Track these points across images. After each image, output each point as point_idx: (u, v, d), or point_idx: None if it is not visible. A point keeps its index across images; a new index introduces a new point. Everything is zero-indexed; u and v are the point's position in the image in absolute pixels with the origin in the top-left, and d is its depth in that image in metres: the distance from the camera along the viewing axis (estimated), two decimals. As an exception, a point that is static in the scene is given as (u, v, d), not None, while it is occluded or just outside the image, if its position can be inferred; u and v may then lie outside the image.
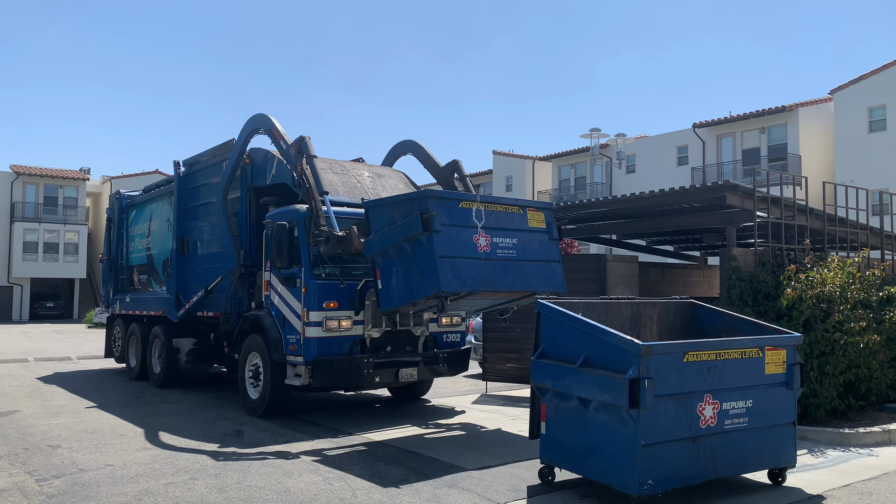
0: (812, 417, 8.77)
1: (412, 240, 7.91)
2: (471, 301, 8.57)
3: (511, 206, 8.65)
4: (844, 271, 9.39)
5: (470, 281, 7.89)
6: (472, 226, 8.12)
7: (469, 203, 8.20)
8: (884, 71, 25.92)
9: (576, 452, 6.07)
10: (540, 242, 8.74)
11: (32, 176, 43.41)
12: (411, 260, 7.99)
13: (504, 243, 8.33)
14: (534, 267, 8.56)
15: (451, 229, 7.91)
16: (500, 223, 8.38)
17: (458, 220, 8.04)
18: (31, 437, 8.60)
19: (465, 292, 7.89)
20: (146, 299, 13.99)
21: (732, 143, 30.43)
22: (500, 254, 8.25)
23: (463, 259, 7.90)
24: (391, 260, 8.26)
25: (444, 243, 7.79)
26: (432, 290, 7.69)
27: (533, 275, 8.53)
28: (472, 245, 8.04)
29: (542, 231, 8.81)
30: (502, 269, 8.22)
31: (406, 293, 8.10)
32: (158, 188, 14.22)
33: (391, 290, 8.28)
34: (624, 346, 5.61)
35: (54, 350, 20.92)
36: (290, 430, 8.98)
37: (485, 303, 8.98)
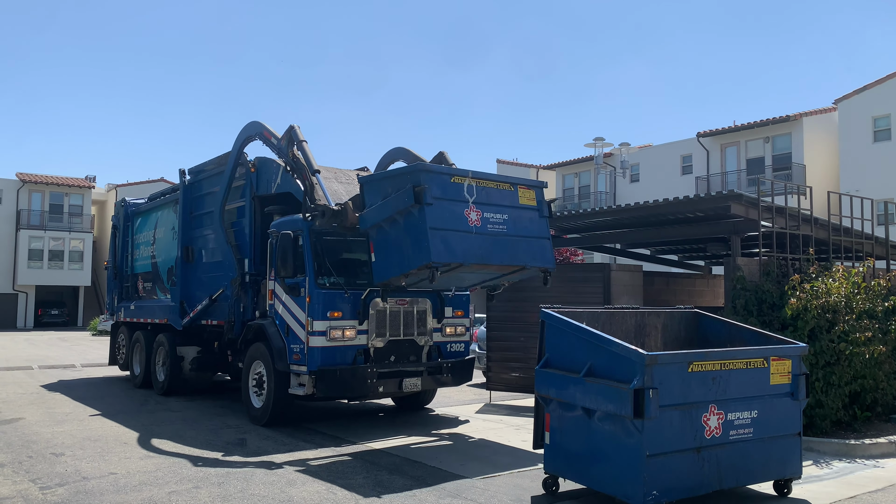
0: (818, 428, 8.73)
1: (405, 212, 8.04)
2: (461, 274, 8.62)
3: (502, 184, 8.76)
4: (849, 281, 9.37)
5: (460, 253, 8.01)
6: (463, 200, 8.23)
7: (461, 178, 8.32)
8: (888, 80, 25.91)
9: (580, 463, 6.05)
10: (530, 219, 8.82)
11: (38, 184, 43.60)
12: (404, 232, 8.12)
13: (495, 219, 8.43)
14: (524, 242, 8.65)
15: (442, 203, 8.02)
16: (491, 199, 8.48)
17: (449, 194, 8.14)
18: (34, 444, 8.61)
19: (455, 264, 8.00)
20: (151, 307, 14.01)
21: (737, 153, 30.41)
22: (491, 228, 8.35)
23: (454, 232, 8.02)
24: (384, 233, 8.40)
25: (436, 216, 7.91)
26: (423, 261, 7.80)
27: (523, 250, 8.62)
28: (464, 219, 8.15)
29: (533, 208, 8.89)
30: (492, 243, 8.32)
31: (398, 265, 8.22)
32: (164, 196, 14.28)
33: (384, 263, 8.43)
34: (628, 355, 5.60)
35: (58, 358, 20.95)
36: (294, 438, 8.97)
37: (475, 277, 9.01)
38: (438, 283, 8.55)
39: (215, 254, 11.96)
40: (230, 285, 11.01)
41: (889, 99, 25.79)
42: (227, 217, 11.54)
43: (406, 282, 8.55)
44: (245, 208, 11.23)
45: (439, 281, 8.43)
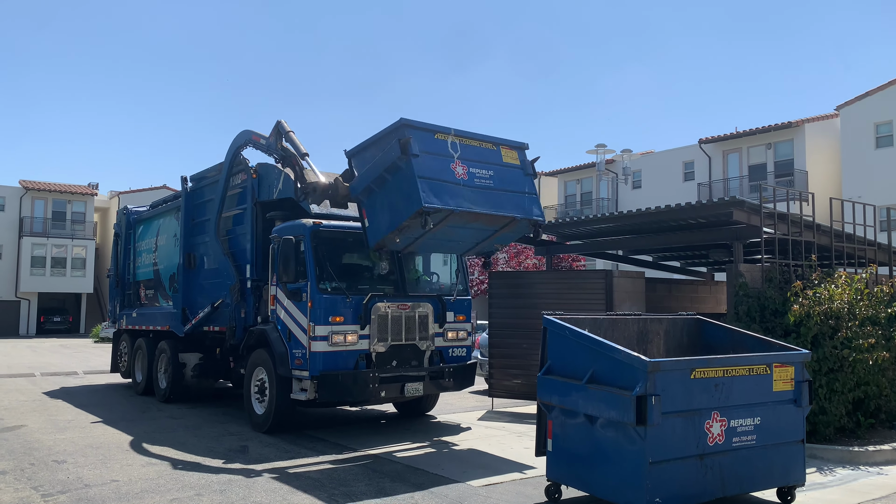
0: (821, 435, 8.70)
1: (392, 168, 8.23)
2: (452, 230, 8.71)
3: (485, 142, 8.93)
4: (852, 287, 9.35)
5: (450, 201, 8.18)
6: (448, 155, 8.44)
7: (444, 135, 8.53)
8: (890, 87, 25.93)
9: (582, 470, 6.03)
10: (515, 176, 9.02)
11: (41, 191, 43.73)
12: (393, 188, 8.31)
13: (481, 174, 8.64)
14: (510, 195, 8.84)
15: (428, 156, 8.22)
16: (475, 156, 8.70)
17: (434, 149, 8.35)
18: (36, 451, 8.60)
19: (445, 212, 8.14)
20: (152, 314, 14.02)
21: (739, 159, 30.41)
22: (478, 182, 8.57)
23: (442, 182, 8.22)
24: (374, 195, 8.59)
25: (423, 166, 8.11)
26: (414, 208, 7.96)
27: (510, 202, 8.80)
28: (450, 172, 8.36)
29: (517, 167, 9.09)
30: (480, 194, 8.52)
31: (390, 220, 8.39)
32: (166, 203, 14.31)
33: (376, 223, 8.60)
34: (631, 362, 5.59)
35: (61, 365, 20.96)
36: (296, 445, 8.96)
37: (466, 235, 9.08)
38: (430, 241, 8.75)
39: (216, 261, 11.98)
40: (229, 293, 11.04)
41: (891, 105, 25.80)
42: (224, 224, 11.68)
43: (400, 239, 8.66)
44: (243, 215, 11.30)
45: (431, 239, 8.62)
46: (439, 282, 10.85)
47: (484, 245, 9.51)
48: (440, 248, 9.83)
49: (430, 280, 10.84)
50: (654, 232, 12.47)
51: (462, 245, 9.54)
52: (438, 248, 9.84)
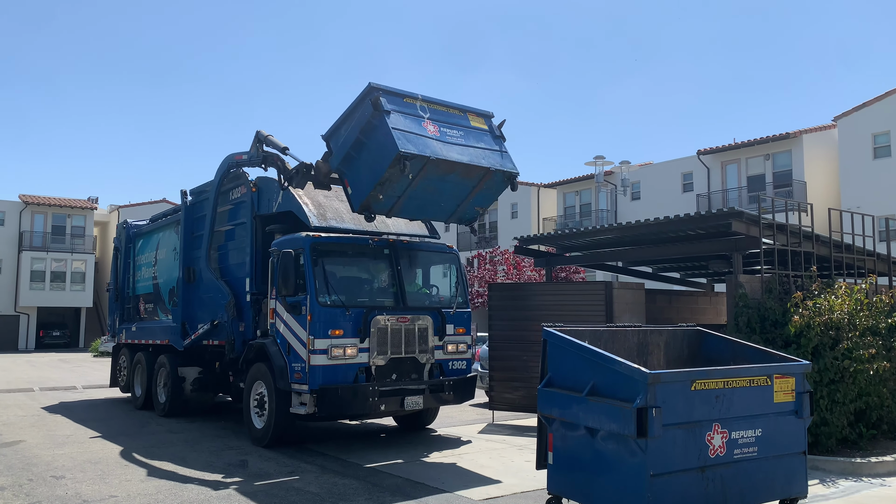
0: (823, 447, 8.66)
1: (367, 128, 8.66)
2: (431, 183, 8.97)
3: (452, 108, 9.42)
4: (852, 298, 9.34)
5: (426, 149, 8.56)
6: (418, 116, 8.91)
7: (412, 99, 9.01)
8: (887, 98, 26.03)
9: (583, 483, 6.00)
10: (485, 136, 9.48)
11: (41, 205, 43.77)
12: (371, 147, 8.70)
13: (452, 133, 9.10)
14: (483, 151, 9.27)
15: (399, 114, 8.68)
16: (443, 118, 9.19)
17: (405, 109, 8.82)
18: (35, 467, 8.56)
19: (422, 158, 8.46)
20: (152, 328, 13.99)
21: (737, 170, 30.48)
22: (450, 139, 8.99)
23: (416, 135, 8.61)
24: (354, 161, 8.97)
25: (396, 121, 8.56)
26: (392, 154, 8.28)
27: (483, 156, 9.19)
28: (423, 128, 8.80)
29: (486, 130, 9.54)
30: (453, 148, 8.94)
31: (371, 176, 8.70)
32: (165, 217, 14.32)
33: (359, 184, 8.94)
34: (631, 374, 5.57)
35: (60, 379, 20.89)
36: (295, 459, 8.92)
37: (445, 192, 9.30)
38: (413, 202, 9.11)
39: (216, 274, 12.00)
40: (225, 310, 11.05)
41: (888, 116, 25.88)
42: (217, 239, 11.89)
43: (383, 195, 8.87)
44: (242, 228, 11.35)
45: (413, 199, 9.04)
46: (439, 294, 10.84)
47: (465, 208, 9.72)
48: (424, 211, 9.95)
49: (430, 293, 10.84)
50: (653, 243, 12.48)
51: (444, 208, 9.71)
52: (423, 212, 10.00)
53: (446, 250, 11.01)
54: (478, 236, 43.31)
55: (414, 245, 10.57)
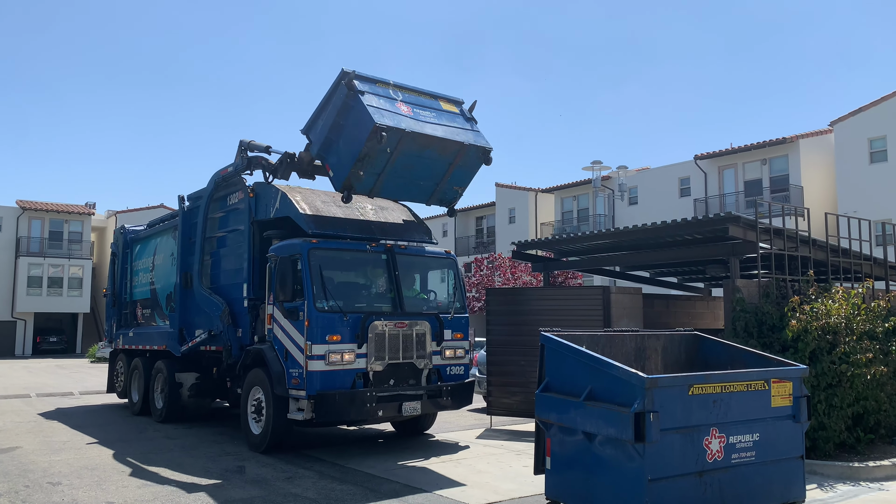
0: (821, 451, 8.66)
1: (344, 109, 9.20)
2: (409, 159, 9.41)
3: (423, 94, 9.95)
4: (849, 302, 9.36)
5: (401, 123, 9.04)
6: (392, 98, 9.44)
7: (385, 84, 9.54)
8: (883, 102, 26.10)
9: (581, 488, 5.99)
10: (457, 118, 10.01)
11: (38, 211, 43.68)
12: (348, 126, 9.19)
13: (425, 114, 9.58)
14: (456, 129, 9.77)
15: (373, 95, 9.21)
16: (415, 101, 9.71)
17: (378, 91, 9.34)
18: (31, 473, 8.53)
19: (398, 131, 8.94)
20: (149, 334, 13.97)
21: (734, 175, 30.53)
22: (422, 118, 9.47)
23: (389, 112, 9.14)
24: (333, 144, 9.46)
25: (371, 100, 9.10)
26: (369, 127, 8.75)
27: (457, 133, 9.70)
28: (397, 108, 9.28)
29: (457, 113, 10.08)
30: (427, 125, 9.41)
31: (350, 153, 9.15)
32: (163, 222, 14.32)
33: (339, 164, 9.38)
34: (628, 379, 5.57)
35: (56, 385, 20.83)
36: (293, 465, 8.90)
37: (424, 169, 9.71)
38: (394, 180, 9.51)
39: (214, 280, 11.99)
40: (220, 320, 11.05)
41: (885, 120, 25.95)
42: (209, 246, 12.00)
43: (364, 172, 9.22)
44: (231, 237, 11.46)
45: (394, 178, 9.42)
46: (436, 299, 10.84)
47: (443, 188, 10.12)
48: (405, 191, 10.21)
49: (428, 298, 10.84)
50: (650, 248, 12.50)
51: (423, 188, 10.06)
52: (403, 192, 10.27)
53: (444, 256, 11.02)
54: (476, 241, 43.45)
55: (411, 250, 10.58)
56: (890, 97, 25.92)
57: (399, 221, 11.12)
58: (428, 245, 11.14)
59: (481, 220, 44.76)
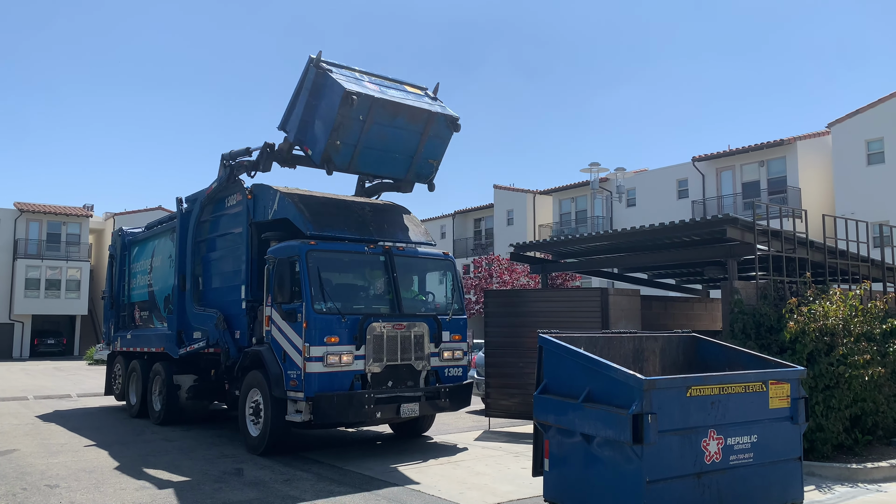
0: (819, 452, 8.67)
1: (315, 89, 9.91)
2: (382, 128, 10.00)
3: (388, 79, 10.74)
4: (847, 304, 9.37)
5: (371, 92, 9.76)
6: (359, 79, 10.19)
7: (351, 69, 10.38)
8: (880, 104, 26.15)
9: (580, 490, 6.00)
10: (422, 97, 10.81)
11: (36, 213, 43.62)
12: (321, 102, 9.84)
13: (391, 91, 10.30)
14: (423, 101, 10.61)
15: (341, 74, 9.98)
16: (382, 83, 10.48)
17: (347, 74, 10.14)
18: (29, 476, 8.52)
19: (368, 97, 9.60)
20: (147, 336, 13.95)
21: (732, 177, 30.56)
22: (389, 94, 10.18)
23: (358, 82, 9.96)
24: (309, 124, 10.09)
25: (340, 76, 9.83)
26: (340, 93, 9.43)
27: (425, 103, 10.52)
28: (366, 86, 9.98)
29: (422, 95, 10.97)
30: (396, 95, 10.22)
31: (325, 125, 9.73)
32: (161, 224, 14.30)
33: (316, 139, 9.95)
34: (626, 380, 5.58)
35: (54, 388, 20.80)
36: (291, 468, 8.89)
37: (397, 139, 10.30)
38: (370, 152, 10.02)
39: (212, 281, 11.99)
40: (215, 328, 11.06)
41: (882, 122, 26.00)
42: (206, 247, 12.07)
43: (339, 140, 9.72)
44: (229, 238, 11.46)
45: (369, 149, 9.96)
46: (434, 301, 10.85)
47: (419, 161, 10.68)
48: (382, 164, 10.62)
49: (426, 299, 10.84)
50: (648, 250, 12.51)
51: (399, 161, 10.58)
52: (381, 166, 10.68)
53: (442, 257, 11.03)
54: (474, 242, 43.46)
55: (410, 252, 10.58)
56: (887, 99, 25.98)
57: (397, 223, 11.12)
58: (426, 246, 11.15)
59: (479, 222, 44.78)
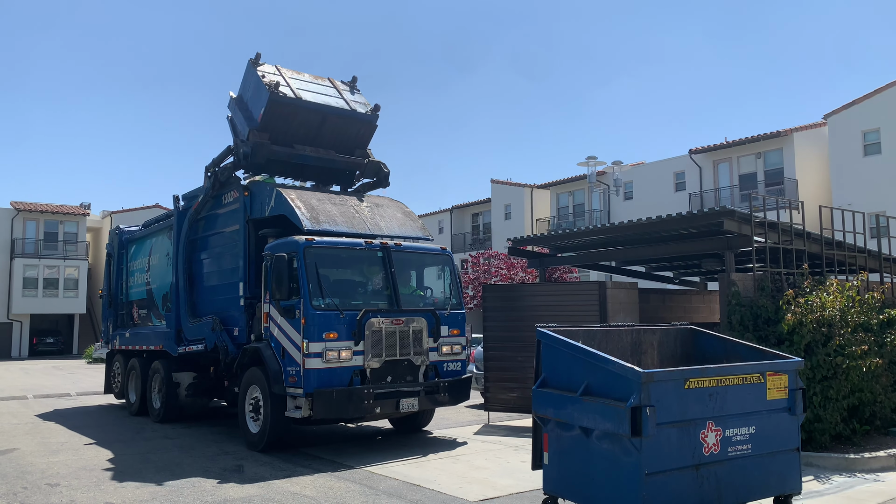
0: (817, 443, 8.71)
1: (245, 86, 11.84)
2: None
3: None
4: (844, 295, 9.39)
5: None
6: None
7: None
8: (876, 95, 26.15)
9: (579, 483, 6.01)
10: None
11: (33, 212, 43.53)
12: (247, 90, 11.70)
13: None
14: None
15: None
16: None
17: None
18: (29, 475, 8.53)
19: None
20: (146, 334, 13.95)
21: (729, 169, 30.58)
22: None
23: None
24: (242, 99, 11.92)
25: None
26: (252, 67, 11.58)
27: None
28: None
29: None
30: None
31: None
32: (158, 223, 14.28)
33: (237, 128, 11.68)
34: (625, 373, 5.59)
35: (53, 386, 20.79)
36: (291, 464, 8.91)
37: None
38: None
39: (210, 279, 11.99)
40: (211, 331, 11.07)
41: (878, 113, 26.01)
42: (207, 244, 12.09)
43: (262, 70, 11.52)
44: (227, 235, 11.48)
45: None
46: (433, 296, 10.86)
47: (350, 103, 11.98)
48: (316, 96, 11.80)
49: (424, 294, 10.85)
50: (646, 243, 12.52)
51: (330, 100, 11.90)
52: (316, 96, 11.81)
53: (439, 252, 11.03)
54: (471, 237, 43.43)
55: (407, 247, 10.58)
56: (883, 90, 25.98)
57: (394, 218, 11.13)
58: (423, 242, 11.16)
59: (477, 217, 44.78)
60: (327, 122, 11.59)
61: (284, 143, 11.28)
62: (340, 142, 11.85)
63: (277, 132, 11.15)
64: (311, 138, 11.52)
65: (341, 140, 11.84)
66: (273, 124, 11.07)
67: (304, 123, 11.38)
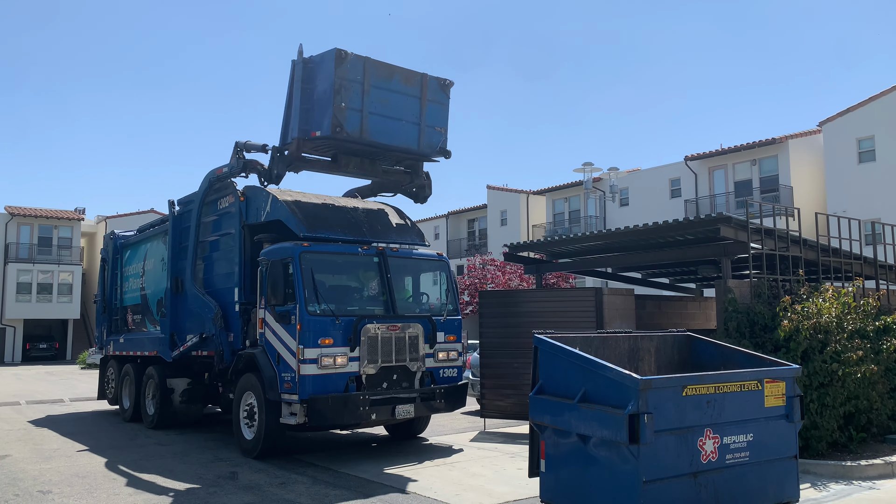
0: (814, 450, 8.69)
1: (307, 76, 9.89)
2: (380, 91, 10.07)
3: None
4: (840, 301, 9.39)
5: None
6: None
7: None
8: (871, 103, 26.27)
9: (576, 490, 5.98)
10: None
11: (27, 217, 43.39)
12: (316, 80, 9.90)
13: None
14: None
15: None
16: None
17: None
18: (21, 482, 8.45)
19: (360, 57, 9.77)
20: (140, 339, 13.88)
21: (724, 176, 30.65)
22: None
23: None
24: (310, 109, 9.97)
25: None
26: (332, 56, 9.56)
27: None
28: None
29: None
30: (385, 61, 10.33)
31: (326, 92, 9.72)
32: (153, 228, 14.24)
33: (320, 111, 9.87)
34: (622, 380, 5.57)
35: (46, 392, 20.67)
36: (286, 471, 8.85)
37: (397, 102, 10.29)
38: (375, 118, 9.90)
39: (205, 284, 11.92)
40: (213, 322, 10.99)
41: (872, 120, 26.12)
42: (203, 249, 11.92)
43: (344, 102, 9.62)
44: (222, 241, 11.40)
45: (374, 114, 9.87)
46: (429, 302, 10.82)
47: (425, 130, 10.50)
48: (393, 130, 10.28)
49: (420, 300, 10.81)
50: (642, 249, 12.52)
51: (407, 129, 10.37)
52: (392, 132, 10.33)
53: (436, 258, 11.01)
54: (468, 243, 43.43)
55: (403, 253, 10.56)
56: (878, 97, 26.11)
57: (390, 224, 11.10)
58: (420, 247, 11.13)
59: (473, 223, 44.78)
60: (389, 154, 10.82)
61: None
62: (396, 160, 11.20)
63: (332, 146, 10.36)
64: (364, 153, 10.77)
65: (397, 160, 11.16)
66: (334, 141, 10.04)
67: (363, 149, 10.56)
